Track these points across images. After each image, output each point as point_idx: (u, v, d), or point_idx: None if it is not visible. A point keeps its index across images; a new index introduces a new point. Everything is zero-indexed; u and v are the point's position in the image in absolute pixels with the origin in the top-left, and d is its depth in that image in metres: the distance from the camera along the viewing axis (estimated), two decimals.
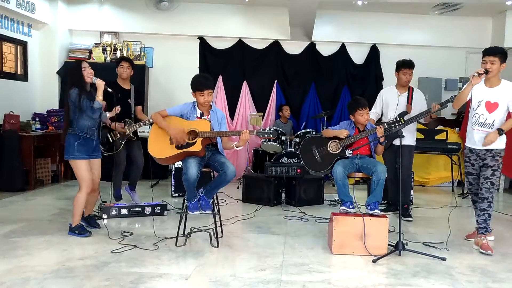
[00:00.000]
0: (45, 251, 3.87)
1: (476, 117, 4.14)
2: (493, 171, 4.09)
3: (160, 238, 4.26)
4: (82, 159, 4.29)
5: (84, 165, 4.29)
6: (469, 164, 4.29)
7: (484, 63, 4.06)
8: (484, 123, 4.10)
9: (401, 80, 5.35)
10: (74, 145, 4.27)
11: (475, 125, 4.15)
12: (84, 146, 4.31)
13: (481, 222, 4.17)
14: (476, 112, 4.14)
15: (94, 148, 4.44)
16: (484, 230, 4.16)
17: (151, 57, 8.73)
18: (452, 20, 8.46)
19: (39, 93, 8.12)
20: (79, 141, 4.28)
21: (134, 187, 5.75)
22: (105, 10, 8.54)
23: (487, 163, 4.11)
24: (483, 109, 4.10)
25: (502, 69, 4.07)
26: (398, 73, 5.36)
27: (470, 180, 4.35)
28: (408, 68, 5.29)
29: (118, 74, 5.51)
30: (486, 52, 4.10)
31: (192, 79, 4.24)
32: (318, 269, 3.60)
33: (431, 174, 8.12)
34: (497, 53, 4.04)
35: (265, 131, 4.23)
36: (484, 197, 4.13)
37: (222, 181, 4.09)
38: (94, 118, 4.31)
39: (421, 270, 3.60)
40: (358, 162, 4.43)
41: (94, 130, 4.36)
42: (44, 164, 7.30)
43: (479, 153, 4.17)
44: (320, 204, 6.24)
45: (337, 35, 8.78)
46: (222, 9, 8.58)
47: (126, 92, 5.49)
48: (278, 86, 8.76)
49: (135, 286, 3.14)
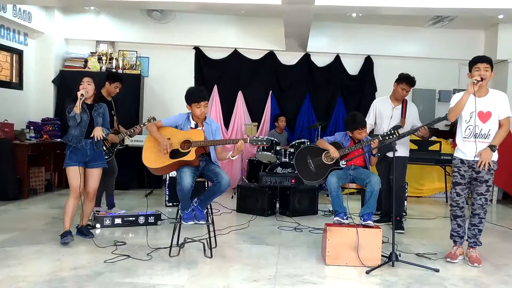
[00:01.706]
0: (37, 261, 3.84)
1: (471, 129, 4.05)
2: (487, 187, 4.03)
3: (153, 248, 4.24)
4: (71, 166, 4.38)
5: (72, 172, 4.37)
6: (458, 175, 4.15)
7: (478, 70, 3.99)
8: (479, 134, 4.03)
9: (397, 93, 5.33)
10: (67, 153, 4.41)
11: (470, 137, 4.05)
12: (75, 154, 4.40)
13: (471, 236, 4.14)
14: (470, 124, 4.06)
15: (92, 157, 4.47)
16: (473, 244, 4.13)
17: (146, 67, 8.75)
18: (445, 33, 8.55)
19: (34, 101, 8.11)
20: (70, 149, 4.41)
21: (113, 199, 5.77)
22: (101, 19, 8.57)
23: (482, 177, 4.02)
24: (477, 120, 4.03)
25: (492, 77, 4.04)
26: (398, 85, 5.32)
27: (458, 190, 4.16)
28: (409, 85, 5.27)
29: (108, 90, 5.57)
30: (479, 60, 4.03)
31: (187, 92, 4.26)
32: (312, 280, 3.59)
33: (425, 185, 8.16)
34: (489, 61, 4.02)
35: (259, 138, 4.24)
36: (476, 213, 4.08)
37: (216, 191, 4.09)
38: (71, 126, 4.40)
39: (414, 281, 3.60)
40: (352, 173, 4.45)
41: (81, 139, 4.38)
42: (38, 172, 7.28)
43: (472, 164, 4.05)
44: (314, 215, 6.24)
45: (332, 46, 8.86)
46: (218, 19, 8.63)
47: (109, 104, 5.55)
48: (273, 97, 8.80)
49: None
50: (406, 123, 5.25)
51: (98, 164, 4.54)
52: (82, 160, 4.42)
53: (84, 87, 4.39)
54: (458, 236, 4.24)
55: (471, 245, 4.15)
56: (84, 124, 4.40)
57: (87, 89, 4.39)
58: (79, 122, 4.34)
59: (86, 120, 4.41)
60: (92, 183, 4.53)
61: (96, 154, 4.50)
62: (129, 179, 7.71)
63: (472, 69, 4.05)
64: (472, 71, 4.04)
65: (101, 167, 4.58)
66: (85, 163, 4.46)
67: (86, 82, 4.45)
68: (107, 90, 5.56)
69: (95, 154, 4.50)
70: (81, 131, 4.40)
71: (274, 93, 8.81)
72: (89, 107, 4.46)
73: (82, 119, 4.37)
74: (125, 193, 7.43)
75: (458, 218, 4.21)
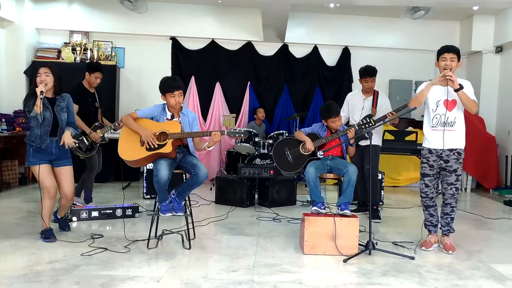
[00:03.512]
0: (12, 255, 3.77)
1: (437, 118, 4.09)
2: (457, 176, 4.10)
3: (131, 241, 4.20)
4: (37, 165, 4.06)
5: (40, 171, 4.05)
6: (427, 166, 4.20)
7: (444, 60, 4.03)
8: (446, 122, 4.06)
9: (363, 87, 5.49)
10: (30, 152, 4.08)
11: (437, 126, 4.09)
12: (39, 153, 4.08)
13: (444, 225, 4.23)
14: (437, 112, 4.09)
15: (58, 156, 4.18)
16: (447, 231, 4.23)
17: (122, 58, 8.62)
18: (421, 24, 8.64)
19: (5, 93, 7.90)
20: (33, 147, 4.09)
21: (91, 194, 5.67)
22: (74, 8, 8.40)
23: (451, 167, 4.08)
24: (443, 108, 4.07)
25: (458, 67, 4.07)
26: (361, 80, 5.47)
27: (427, 182, 4.22)
28: (369, 76, 5.39)
29: (89, 81, 5.42)
30: (446, 50, 4.06)
31: (161, 82, 4.20)
32: (290, 269, 3.62)
33: (402, 175, 8.28)
34: (456, 51, 4.05)
35: (236, 130, 4.22)
36: (448, 202, 4.15)
37: (194, 182, 4.06)
38: (33, 126, 4.08)
39: (390, 269, 3.66)
40: (330, 163, 4.49)
41: (45, 139, 4.06)
42: (11, 166, 7.12)
43: (441, 153, 4.09)
44: (293, 205, 6.28)
45: (310, 37, 8.87)
46: (194, 9, 8.54)
47: (92, 96, 5.45)
48: (252, 88, 8.77)
49: None
50: (378, 113, 5.33)
51: (65, 163, 4.22)
52: (47, 158, 4.12)
53: (42, 79, 4.01)
54: (431, 225, 4.33)
55: (445, 232, 4.25)
56: (48, 123, 4.06)
57: (46, 81, 4.02)
58: (42, 121, 4.00)
59: (50, 118, 4.07)
60: (67, 184, 4.23)
61: (62, 153, 4.19)
62: (106, 172, 7.59)
63: (439, 58, 4.09)
64: (439, 61, 4.08)
65: (68, 165, 4.25)
66: (51, 161, 4.16)
67: (43, 74, 4.05)
68: (87, 81, 5.43)
69: (61, 153, 4.19)
70: (45, 130, 4.05)
71: (252, 84, 8.79)
72: (50, 102, 4.10)
73: (45, 117, 4.02)
74: (102, 186, 7.33)
75: (430, 208, 4.29)
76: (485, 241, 4.75)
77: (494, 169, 7.97)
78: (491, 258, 4.05)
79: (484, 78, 8.59)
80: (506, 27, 8.14)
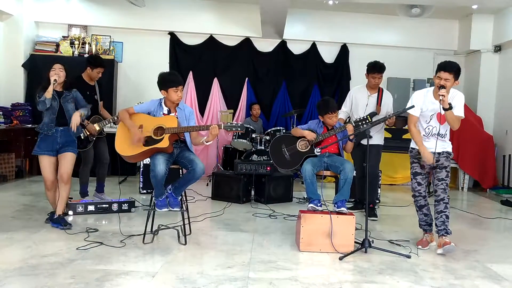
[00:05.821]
0: (8, 248, 3.76)
1: (430, 129, 4.15)
2: (447, 172, 4.12)
3: (127, 235, 4.20)
4: (41, 155, 4.39)
5: (42, 161, 4.38)
6: (418, 165, 4.24)
7: (439, 79, 3.98)
8: (438, 134, 4.12)
9: (370, 82, 5.41)
10: (38, 141, 4.41)
11: (429, 136, 4.15)
12: (44, 142, 4.39)
13: (439, 225, 4.14)
14: (430, 124, 4.14)
15: (63, 145, 4.41)
16: (444, 232, 4.11)
17: (120, 52, 8.59)
18: (420, 22, 8.62)
19: (3, 86, 7.87)
20: (41, 136, 4.42)
21: (103, 187, 5.67)
22: (73, 2, 8.36)
23: (442, 164, 4.12)
24: (436, 121, 4.12)
25: (455, 85, 4.03)
26: (368, 75, 5.39)
27: (419, 180, 4.26)
28: (377, 72, 5.33)
29: (90, 75, 5.41)
30: (443, 68, 3.99)
31: (162, 77, 4.18)
32: (285, 266, 3.62)
33: (399, 173, 8.28)
34: (452, 70, 3.96)
35: (233, 124, 4.21)
36: (440, 198, 4.13)
37: (190, 178, 4.06)
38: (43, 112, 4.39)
39: (386, 267, 3.66)
40: (327, 160, 4.48)
41: (51, 126, 4.37)
42: (8, 159, 7.09)
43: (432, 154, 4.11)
44: (289, 202, 6.28)
45: (308, 34, 8.85)
46: (193, 5, 8.52)
47: (92, 89, 5.42)
48: (249, 84, 8.76)
49: (101, 283, 3.09)
50: (382, 111, 5.31)
51: (69, 149, 4.44)
52: (52, 148, 4.38)
53: (56, 73, 4.36)
54: (426, 224, 4.33)
55: (442, 233, 4.12)
56: (54, 111, 4.38)
57: (59, 75, 4.38)
58: (48, 107, 4.31)
59: (56, 107, 4.38)
60: (64, 167, 4.40)
61: (67, 142, 4.44)
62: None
63: (436, 73, 4.05)
64: (436, 76, 4.05)
65: (71, 152, 4.46)
66: (56, 151, 4.41)
67: (58, 69, 4.41)
68: (88, 75, 5.41)
69: (66, 142, 4.43)
70: (51, 118, 4.38)
71: (250, 80, 8.78)
72: (58, 94, 4.43)
73: (52, 105, 4.35)
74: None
75: (423, 207, 4.29)
76: (482, 240, 4.76)
77: (491, 168, 7.98)
78: (487, 257, 4.06)
79: (483, 77, 8.58)
80: (505, 26, 8.13)
